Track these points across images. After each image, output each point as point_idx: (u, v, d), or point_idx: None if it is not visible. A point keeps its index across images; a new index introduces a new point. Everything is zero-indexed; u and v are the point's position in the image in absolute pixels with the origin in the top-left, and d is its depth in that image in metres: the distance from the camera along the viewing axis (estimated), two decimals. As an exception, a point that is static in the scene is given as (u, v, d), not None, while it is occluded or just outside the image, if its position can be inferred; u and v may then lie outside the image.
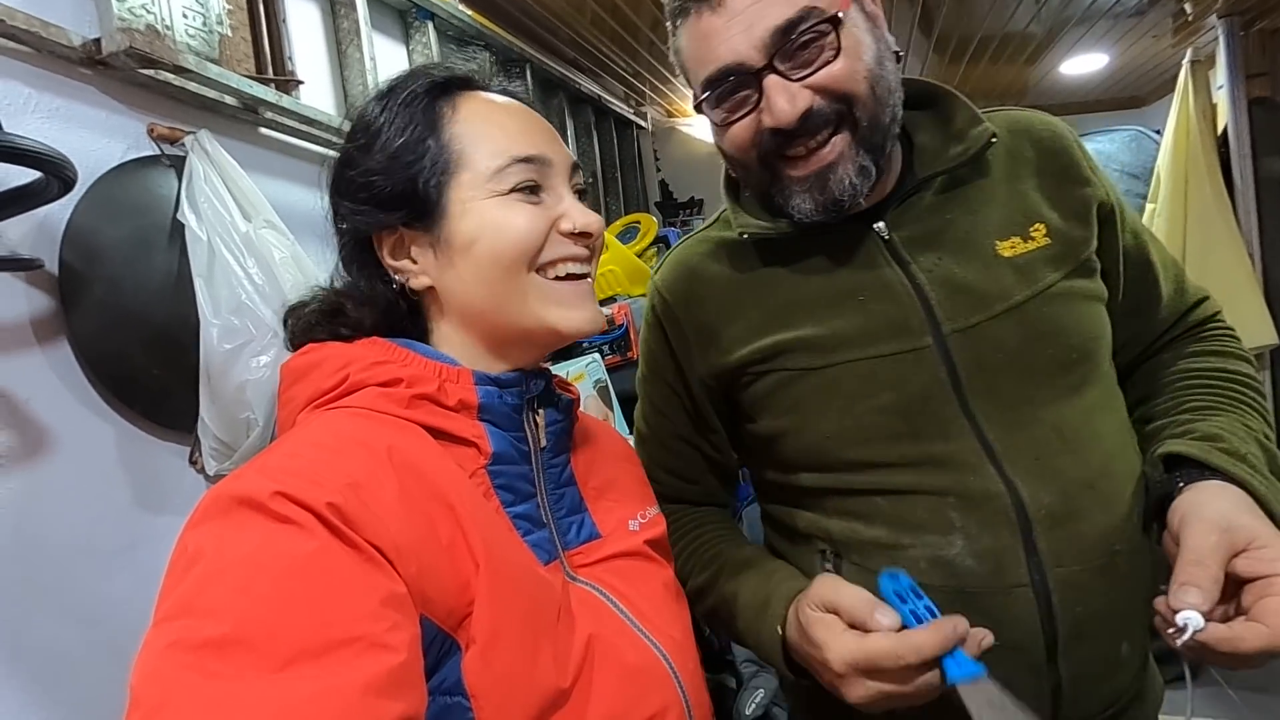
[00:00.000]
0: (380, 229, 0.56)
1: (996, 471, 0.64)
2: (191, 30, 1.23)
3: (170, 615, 0.39)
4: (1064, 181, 0.71)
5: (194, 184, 1.13)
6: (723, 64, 0.63)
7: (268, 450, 0.49)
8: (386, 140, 0.55)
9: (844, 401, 0.68)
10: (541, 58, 2.32)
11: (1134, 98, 3.29)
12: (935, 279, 0.68)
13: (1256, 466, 0.61)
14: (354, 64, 1.58)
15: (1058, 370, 0.67)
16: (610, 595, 0.57)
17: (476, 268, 0.54)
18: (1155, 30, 2.53)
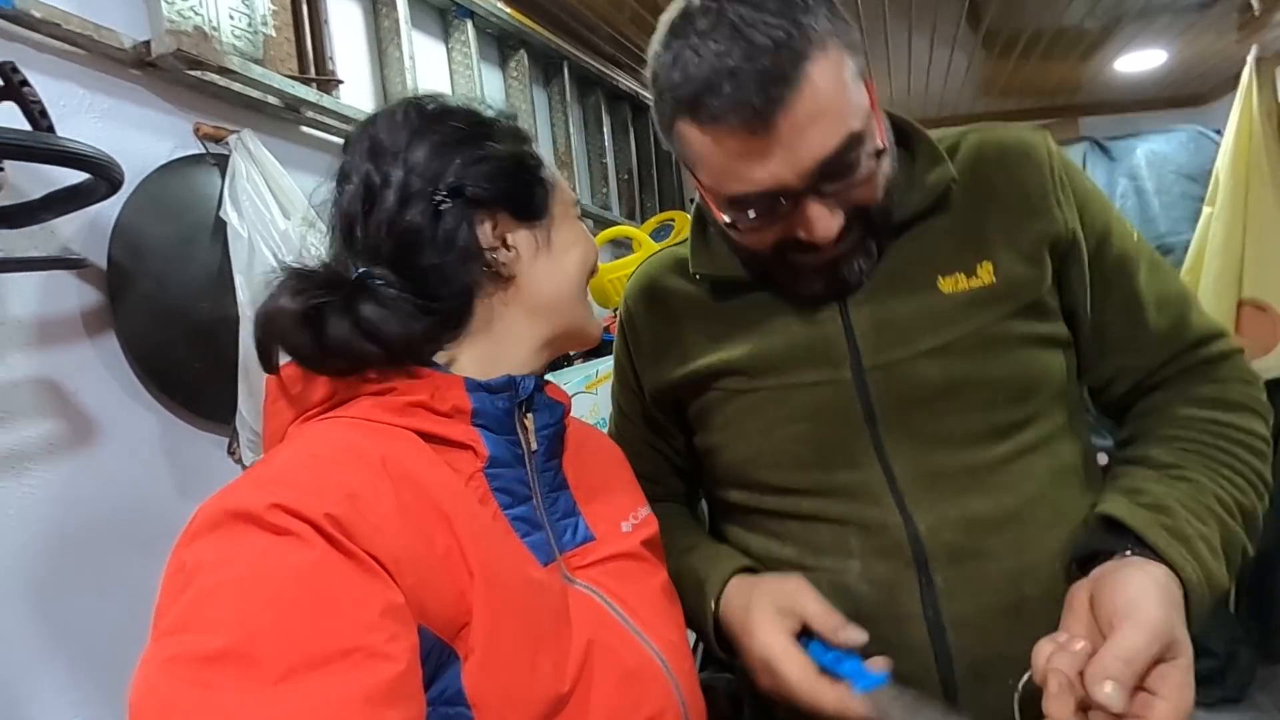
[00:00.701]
0: (488, 204, 0.57)
1: (896, 504, 0.66)
2: (237, 31, 1.26)
3: (169, 630, 0.39)
4: (1024, 216, 0.68)
5: (236, 182, 1.16)
6: (761, 189, 0.59)
7: (261, 463, 0.49)
8: (517, 133, 0.61)
9: (763, 425, 0.70)
10: (580, 55, 2.32)
11: (1194, 95, 3.15)
12: (866, 315, 0.68)
13: (1198, 551, 0.57)
14: (394, 62, 1.60)
15: (980, 410, 0.66)
16: (607, 598, 0.57)
17: (569, 269, 0.61)
18: (1219, 26, 2.42)
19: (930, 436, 0.66)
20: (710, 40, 0.56)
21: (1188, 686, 0.51)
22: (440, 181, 0.55)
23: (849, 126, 0.58)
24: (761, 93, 0.55)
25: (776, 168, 0.58)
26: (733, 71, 0.55)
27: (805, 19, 0.56)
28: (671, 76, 0.58)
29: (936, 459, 0.66)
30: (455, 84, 1.86)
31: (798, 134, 0.56)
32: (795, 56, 0.55)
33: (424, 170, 0.55)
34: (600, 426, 1.72)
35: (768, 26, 0.55)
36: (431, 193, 0.55)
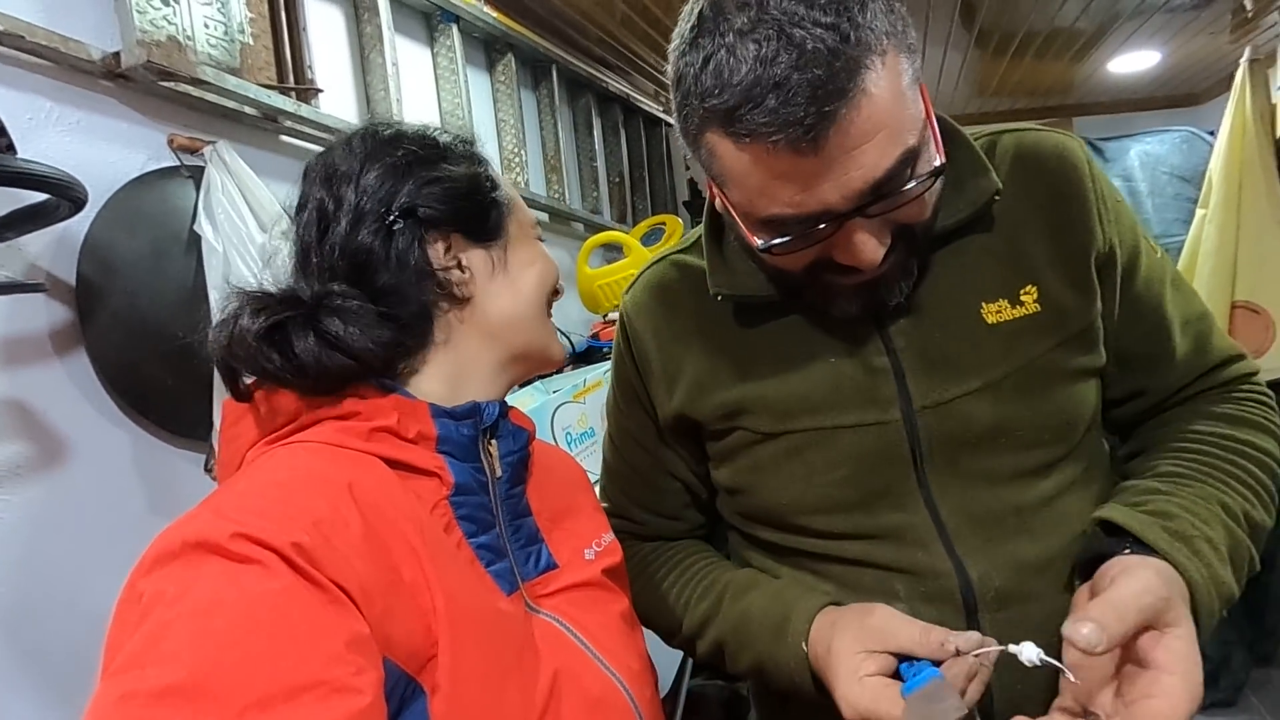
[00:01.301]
0: (441, 224, 0.57)
1: (945, 550, 0.62)
2: (213, 40, 1.24)
3: (124, 667, 0.37)
4: (1067, 232, 0.64)
5: (211, 195, 1.14)
6: (802, 213, 0.53)
7: (221, 491, 0.48)
8: (472, 155, 0.61)
9: (803, 470, 0.66)
10: (569, 57, 2.30)
11: (1187, 96, 3.14)
12: (913, 347, 0.63)
13: (1200, 551, 0.55)
14: (376, 69, 1.58)
15: (1027, 449, 0.63)
16: (571, 627, 0.57)
17: (525, 289, 0.60)
18: (1212, 26, 2.41)
19: (977, 476, 0.63)
20: (751, 41, 0.48)
21: (1190, 658, 0.48)
22: (393, 203, 0.56)
23: (905, 143, 0.51)
24: (813, 108, 0.47)
25: (822, 190, 0.51)
26: (779, 82, 0.47)
27: (862, 18, 0.48)
28: (702, 81, 0.50)
29: (983, 500, 0.63)
30: (441, 89, 1.83)
31: (849, 154, 0.49)
32: (851, 66, 0.47)
33: (376, 192, 0.56)
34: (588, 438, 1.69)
35: (820, 29, 0.47)
36: (384, 214, 0.55)
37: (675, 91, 0.54)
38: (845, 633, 0.58)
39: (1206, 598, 0.53)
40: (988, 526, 0.62)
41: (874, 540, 0.64)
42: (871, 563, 0.65)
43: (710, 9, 0.51)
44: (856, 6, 0.48)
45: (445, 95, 1.83)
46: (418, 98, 1.76)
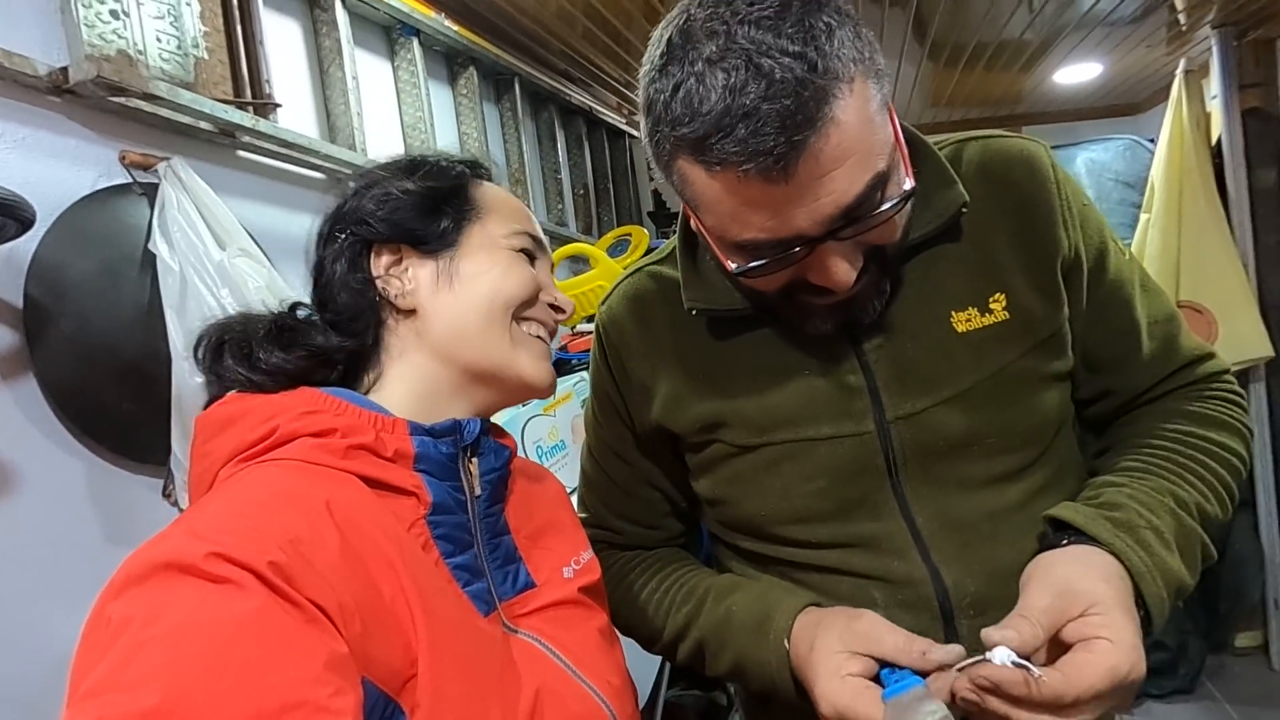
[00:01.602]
0: (387, 239, 0.58)
1: (921, 557, 0.63)
2: (166, 54, 1.21)
3: (93, 691, 0.36)
4: (1034, 239, 0.64)
5: (166, 212, 1.11)
6: (775, 238, 0.53)
7: (194, 511, 0.47)
8: (430, 171, 0.61)
9: (780, 483, 0.67)
10: (531, 70, 2.30)
11: (1129, 105, 3.27)
12: (885, 359, 0.64)
13: (1144, 539, 0.56)
14: (336, 83, 1.56)
15: (999, 455, 0.64)
16: (550, 645, 0.56)
17: (473, 300, 0.57)
18: (1149, 40, 2.51)
19: (951, 483, 0.64)
20: (720, 70, 0.48)
21: (1118, 626, 0.49)
22: (340, 220, 0.60)
23: (875, 167, 0.52)
24: (782, 137, 0.48)
25: (794, 216, 0.51)
26: (748, 112, 0.47)
27: (829, 46, 0.48)
28: (672, 109, 0.51)
29: (958, 507, 0.64)
30: (402, 103, 1.82)
31: (820, 181, 0.50)
32: (820, 95, 0.48)
33: (332, 214, 0.61)
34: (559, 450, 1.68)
35: (788, 58, 0.48)
36: (334, 231, 0.60)
37: (646, 117, 0.55)
38: (830, 632, 0.58)
39: (1152, 585, 0.54)
40: (962, 533, 0.63)
41: (851, 549, 0.65)
42: (850, 571, 0.66)
43: (679, 36, 0.51)
44: (824, 35, 0.48)
45: (407, 109, 1.82)
46: (379, 112, 1.74)
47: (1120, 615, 0.50)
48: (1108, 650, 0.48)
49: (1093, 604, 0.51)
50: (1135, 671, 0.49)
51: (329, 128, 1.57)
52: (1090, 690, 0.47)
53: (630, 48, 2.34)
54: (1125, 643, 0.49)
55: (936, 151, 0.65)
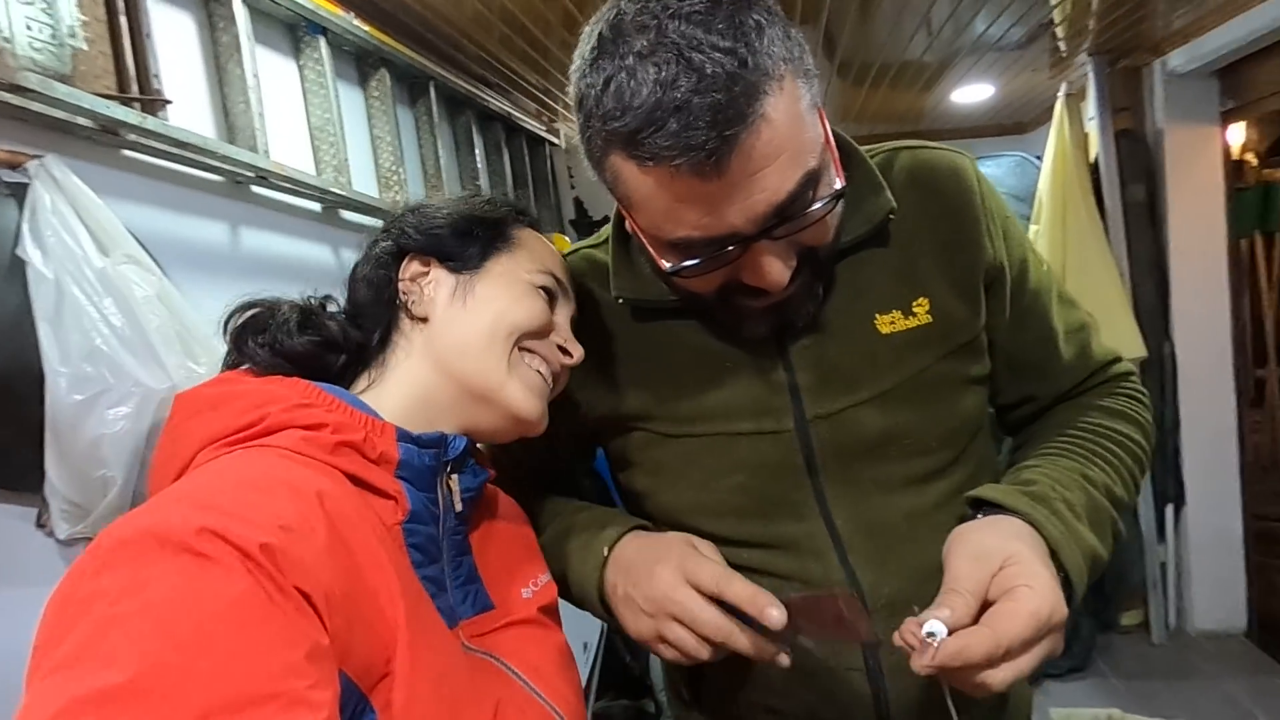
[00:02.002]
0: (421, 251, 0.63)
1: (839, 559, 0.65)
2: (37, 44, 1.11)
3: (65, 663, 0.34)
4: (957, 248, 0.66)
5: (39, 215, 1.02)
6: (708, 236, 0.53)
7: (181, 486, 0.45)
8: (479, 203, 0.66)
9: (700, 475, 0.67)
10: (447, 75, 2.25)
11: (1017, 124, 3.52)
12: (809, 358, 0.65)
13: (1058, 510, 0.58)
14: (235, 81, 1.48)
15: (917, 456, 0.65)
16: (508, 664, 0.56)
17: (481, 317, 0.60)
18: (1034, 64, 2.71)
19: (869, 485, 0.65)
20: (651, 64, 0.48)
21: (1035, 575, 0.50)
22: (387, 230, 0.65)
23: (806, 165, 0.52)
24: (714, 132, 0.47)
25: (727, 213, 0.51)
26: (679, 106, 0.47)
27: (759, 43, 0.49)
28: (603, 103, 0.50)
29: (876, 508, 0.65)
30: (310, 104, 1.74)
31: (752, 178, 0.50)
32: (750, 91, 0.48)
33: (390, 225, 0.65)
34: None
35: (719, 53, 0.47)
36: (377, 239, 0.65)
37: (578, 113, 0.54)
38: (683, 540, 0.61)
39: (1072, 554, 0.56)
40: (880, 535, 0.65)
41: (772, 550, 0.66)
42: (769, 571, 0.66)
43: (610, 31, 0.51)
44: (754, 32, 0.49)
45: (314, 110, 1.74)
46: (284, 112, 1.66)
47: (1036, 564, 0.52)
48: (1028, 595, 0.50)
49: (1008, 557, 0.52)
50: (1057, 614, 0.50)
51: (227, 127, 1.48)
52: (1018, 637, 0.49)
53: (548, 55, 2.33)
54: (1044, 586, 0.51)
55: (867, 158, 0.66)
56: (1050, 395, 0.74)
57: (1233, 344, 2.67)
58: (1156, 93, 2.65)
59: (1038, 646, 0.50)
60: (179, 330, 1.08)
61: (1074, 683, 2.51)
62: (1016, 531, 0.55)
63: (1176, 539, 2.74)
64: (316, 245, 1.72)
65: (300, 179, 1.54)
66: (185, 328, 1.10)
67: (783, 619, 0.55)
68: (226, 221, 1.45)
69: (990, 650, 0.48)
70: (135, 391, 0.99)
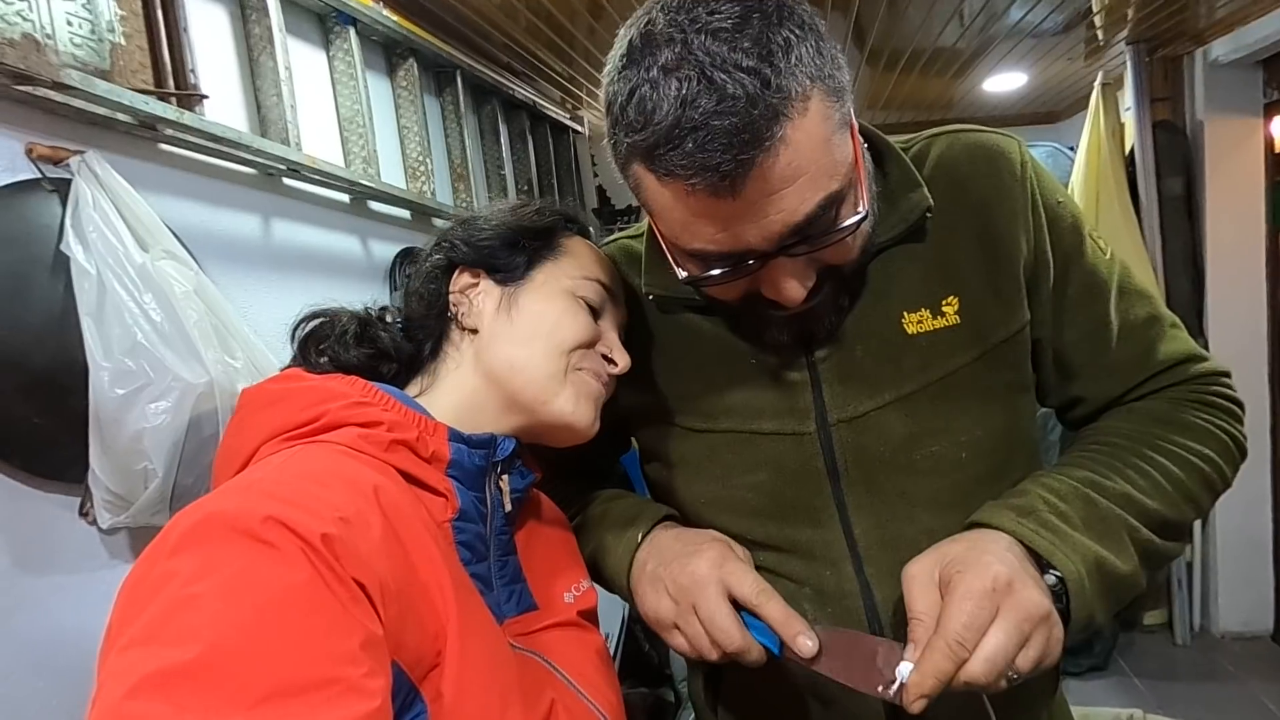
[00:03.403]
0: (470, 264, 0.64)
1: (855, 570, 0.63)
2: (78, 39, 1.12)
3: (137, 641, 0.36)
4: (995, 242, 0.63)
5: (81, 211, 1.03)
6: (724, 251, 0.53)
7: (247, 475, 0.47)
8: (527, 212, 0.67)
9: (721, 471, 0.67)
10: (473, 63, 2.24)
11: (1050, 114, 3.44)
12: (832, 360, 0.63)
13: (1045, 520, 0.55)
14: (267, 73, 1.48)
15: (945, 468, 0.63)
16: (553, 663, 0.58)
17: (530, 333, 0.61)
18: (1070, 52, 2.64)
19: (891, 494, 0.63)
20: (674, 79, 0.48)
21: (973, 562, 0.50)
22: (444, 245, 0.66)
23: (827, 188, 0.51)
24: (729, 155, 0.47)
25: (743, 231, 0.51)
26: (697, 126, 0.47)
27: (784, 63, 0.48)
28: (628, 113, 0.50)
29: (898, 522, 0.63)
30: (339, 95, 1.75)
31: (768, 199, 0.49)
32: (771, 113, 0.47)
33: (443, 238, 0.67)
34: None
35: (741, 73, 0.47)
36: (430, 252, 0.67)
37: (606, 116, 0.54)
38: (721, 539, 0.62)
39: (1066, 561, 0.53)
40: (900, 550, 0.61)
41: (786, 554, 0.66)
42: (782, 575, 0.66)
43: (640, 39, 0.50)
44: (780, 51, 0.48)
45: (343, 101, 1.74)
46: (314, 103, 1.66)
47: (967, 552, 0.52)
48: (958, 580, 0.50)
49: (945, 562, 0.52)
50: (1000, 580, 0.49)
51: (260, 120, 1.49)
52: (963, 625, 0.48)
53: (574, 42, 2.31)
54: (974, 564, 0.50)
55: (902, 155, 0.64)
56: (1101, 397, 0.68)
57: (1268, 342, 2.61)
58: (1197, 83, 2.58)
59: (999, 621, 0.49)
60: (215, 325, 1.10)
61: (1094, 681, 2.50)
62: (972, 538, 0.54)
63: (1203, 538, 2.71)
64: (345, 236, 1.73)
65: (331, 171, 1.55)
66: (222, 323, 1.11)
67: (814, 650, 0.55)
68: (258, 214, 1.47)
69: (945, 652, 0.48)
70: (175, 386, 1.01)
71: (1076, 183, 2.65)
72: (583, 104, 2.98)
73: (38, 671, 0.96)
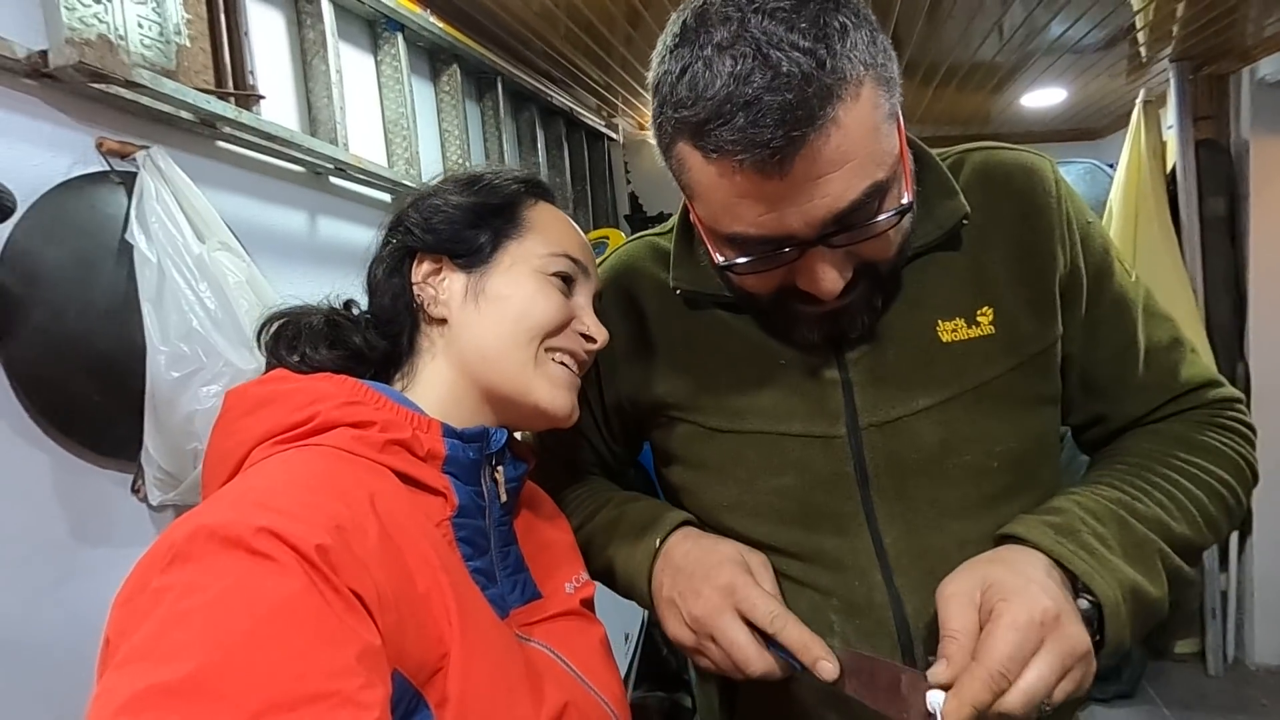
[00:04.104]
0: (430, 250, 0.60)
1: (884, 580, 0.62)
2: (147, 40, 1.19)
3: (131, 658, 0.36)
4: (1031, 255, 0.63)
5: (144, 202, 1.09)
6: (765, 235, 0.52)
7: (238, 484, 0.47)
8: (484, 187, 0.62)
9: (745, 473, 0.65)
10: (513, 70, 2.30)
11: (1089, 131, 3.39)
12: (865, 363, 0.63)
13: (1085, 542, 0.54)
14: (319, 76, 1.54)
15: (976, 476, 0.62)
16: (562, 656, 0.57)
17: (499, 320, 0.58)
18: (1112, 69, 2.61)
19: (922, 503, 0.62)
20: (728, 56, 0.47)
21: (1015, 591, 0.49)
22: (397, 231, 0.62)
23: (873, 176, 0.51)
24: (780, 131, 0.47)
25: (785, 215, 0.51)
26: (749, 101, 0.47)
27: (841, 45, 0.47)
28: (678, 90, 0.50)
29: (930, 531, 0.62)
30: (385, 99, 1.80)
31: (815, 181, 0.49)
32: (824, 93, 0.47)
33: (396, 222, 0.63)
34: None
35: (798, 52, 0.47)
36: (386, 239, 0.63)
37: (653, 98, 0.54)
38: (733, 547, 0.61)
39: (1103, 585, 0.53)
40: (930, 559, 0.61)
41: (811, 564, 0.64)
42: (808, 584, 0.64)
43: (694, 19, 0.50)
44: (837, 34, 0.48)
45: (389, 104, 1.80)
46: (361, 106, 1.72)
47: (1014, 578, 0.50)
48: (1003, 610, 0.49)
49: (986, 585, 0.51)
50: (1049, 614, 0.49)
51: (310, 121, 1.55)
52: (1006, 656, 0.47)
53: (611, 50, 2.36)
54: (1020, 594, 0.49)
55: (939, 162, 0.64)
56: (1123, 417, 0.68)
57: (1313, 367, 2.54)
58: (1243, 102, 2.53)
59: (1042, 654, 0.48)
60: (265, 314, 1.15)
61: (1121, 709, 2.44)
62: (1012, 558, 0.53)
63: (1239, 567, 2.63)
64: (386, 235, 1.78)
65: (375, 171, 1.60)
66: (271, 312, 1.16)
67: (834, 674, 0.54)
68: (305, 210, 1.52)
69: (986, 682, 0.47)
70: (226, 371, 1.06)
71: (1116, 201, 2.62)
72: (618, 111, 3.03)
73: (84, 639, 1.01)
